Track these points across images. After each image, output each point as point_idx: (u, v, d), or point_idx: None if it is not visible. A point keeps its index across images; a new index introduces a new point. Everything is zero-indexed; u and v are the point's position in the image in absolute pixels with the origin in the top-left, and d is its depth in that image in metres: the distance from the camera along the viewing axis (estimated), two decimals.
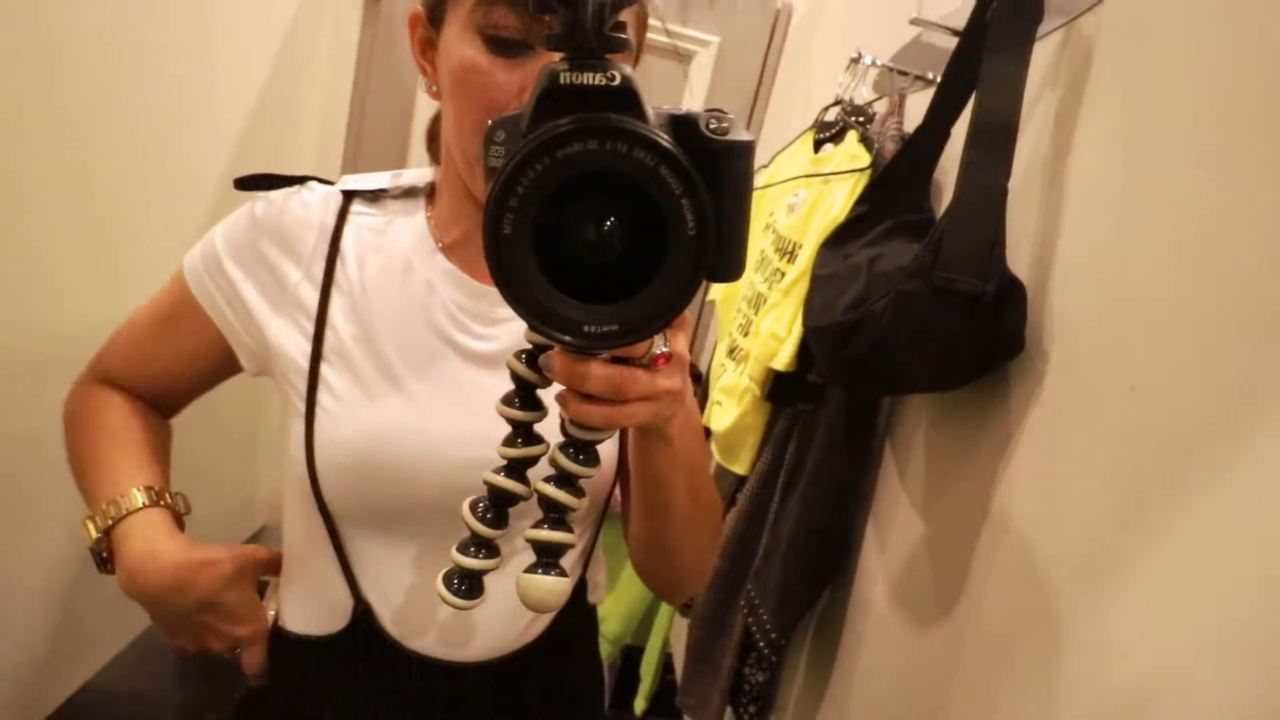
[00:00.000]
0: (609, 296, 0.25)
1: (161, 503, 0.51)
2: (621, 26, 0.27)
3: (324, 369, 0.50)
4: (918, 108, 0.81)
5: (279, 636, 0.54)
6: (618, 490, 0.59)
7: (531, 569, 0.32)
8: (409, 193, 0.56)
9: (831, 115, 1.05)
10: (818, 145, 1.07)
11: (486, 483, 0.35)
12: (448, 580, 0.34)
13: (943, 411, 0.71)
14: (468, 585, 0.34)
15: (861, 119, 0.96)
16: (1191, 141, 0.47)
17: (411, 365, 0.50)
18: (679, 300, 0.26)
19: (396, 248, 0.54)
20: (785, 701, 0.95)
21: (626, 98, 0.26)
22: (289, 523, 0.54)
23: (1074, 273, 0.57)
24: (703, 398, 1.31)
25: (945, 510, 0.67)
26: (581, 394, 0.31)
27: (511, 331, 0.53)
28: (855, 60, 1.01)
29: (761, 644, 0.87)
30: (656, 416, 0.34)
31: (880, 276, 0.63)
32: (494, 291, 0.48)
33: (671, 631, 1.62)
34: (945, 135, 0.71)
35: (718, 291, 1.33)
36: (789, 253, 0.96)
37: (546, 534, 0.33)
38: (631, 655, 1.74)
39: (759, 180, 1.23)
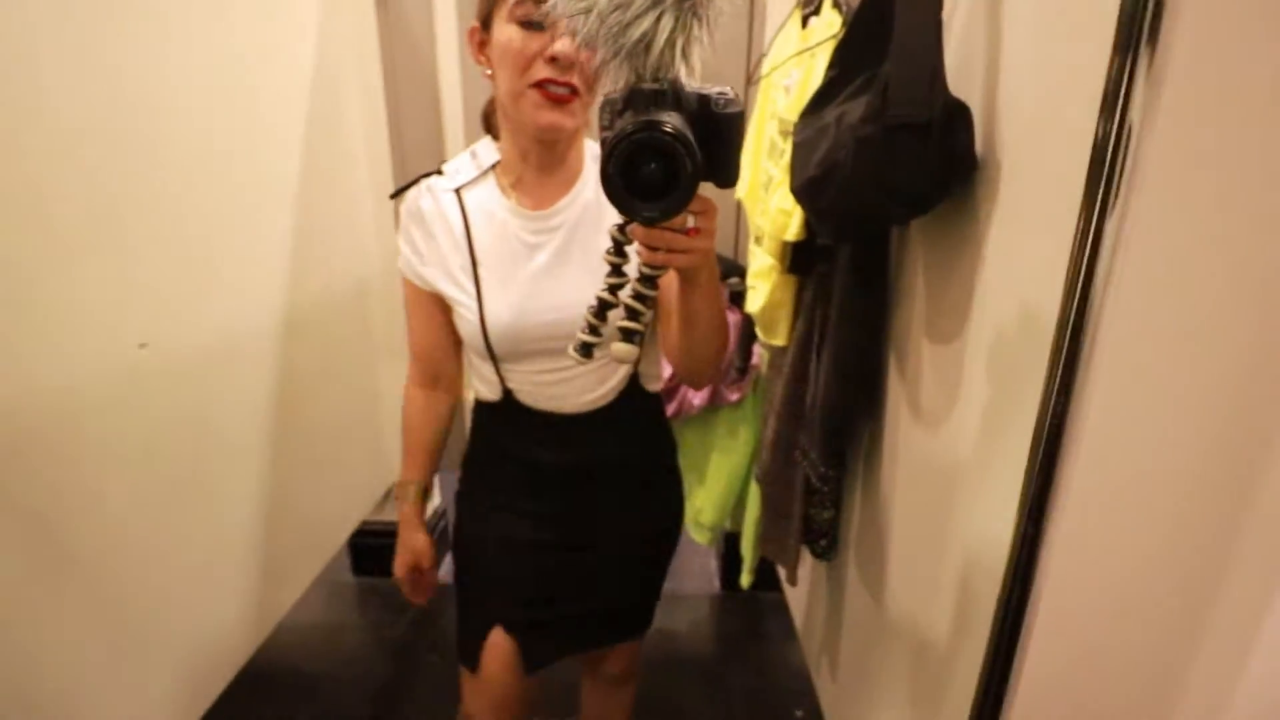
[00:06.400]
0: (655, 197, 0.52)
1: (413, 490, 0.99)
2: None
3: (483, 284, 0.86)
4: None
5: (476, 403, 0.98)
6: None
7: (619, 343, 0.61)
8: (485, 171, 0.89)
9: None
10: (805, 21, 1.10)
11: (598, 297, 0.61)
12: (575, 350, 0.62)
13: (931, 240, 0.78)
14: (585, 351, 0.61)
15: None
16: None
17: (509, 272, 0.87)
18: (684, 199, 0.52)
19: (486, 206, 0.87)
20: (849, 531, 1.07)
21: (675, 98, 0.54)
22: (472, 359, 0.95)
23: (1013, 88, 0.63)
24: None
25: (943, 323, 0.75)
26: (650, 247, 0.57)
27: (562, 234, 0.86)
28: None
29: (816, 481, 0.99)
30: (690, 263, 0.59)
31: (845, 130, 0.70)
32: (542, 213, 0.86)
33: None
34: None
35: (743, 190, 1.40)
36: (789, 133, 1.02)
37: (628, 323, 0.61)
38: (732, 540, 1.91)
39: (764, 68, 1.28)
